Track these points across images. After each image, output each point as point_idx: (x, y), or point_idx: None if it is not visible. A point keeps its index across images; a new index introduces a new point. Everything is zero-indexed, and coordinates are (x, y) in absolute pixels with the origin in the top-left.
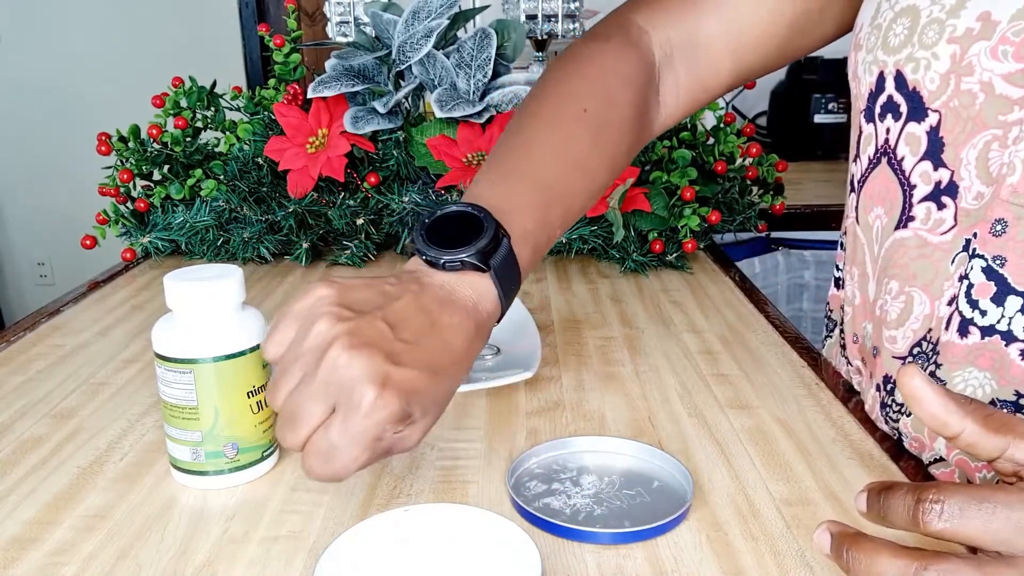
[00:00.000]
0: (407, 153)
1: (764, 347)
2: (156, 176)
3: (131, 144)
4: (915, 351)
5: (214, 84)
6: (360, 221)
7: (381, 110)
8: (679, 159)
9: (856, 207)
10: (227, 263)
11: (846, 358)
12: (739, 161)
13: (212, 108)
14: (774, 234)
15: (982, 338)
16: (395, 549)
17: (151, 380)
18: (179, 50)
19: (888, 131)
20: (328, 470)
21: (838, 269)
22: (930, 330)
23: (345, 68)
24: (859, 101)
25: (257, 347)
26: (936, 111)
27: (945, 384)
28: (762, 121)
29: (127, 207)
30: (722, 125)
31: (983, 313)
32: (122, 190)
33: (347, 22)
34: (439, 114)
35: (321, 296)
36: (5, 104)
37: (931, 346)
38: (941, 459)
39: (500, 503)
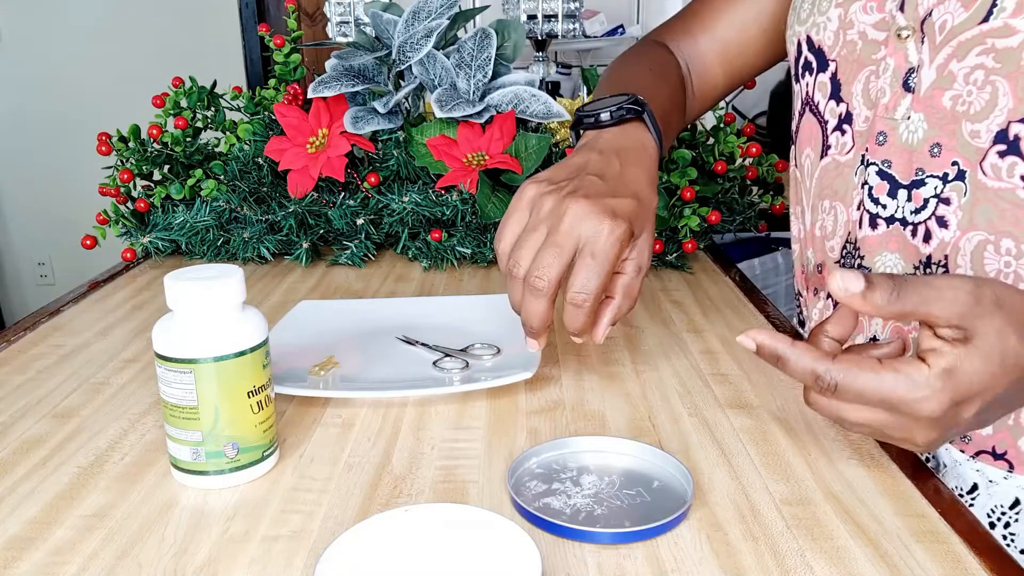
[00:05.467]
0: (407, 153)
1: None
2: (156, 176)
3: (131, 144)
4: (844, 252)
5: (214, 84)
6: (360, 221)
7: (381, 110)
8: (679, 159)
9: (794, 155)
10: (227, 263)
11: (796, 295)
12: (739, 161)
13: (212, 108)
14: (774, 234)
15: (887, 227)
16: (395, 549)
17: (151, 380)
18: (179, 50)
19: (808, 84)
20: (591, 286)
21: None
22: (850, 232)
23: (345, 68)
24: (792, 69)
25: (257, 347)
26: (833, 60)
27: (869, 270)
28: (762, 121)
29: (127, 207)
30: (722, 125)
31: (884, 207)
32: (122, 190)
33: (347, 22)
34: (439, 114)
35: (533, 189)
36: (5, 104)
37: (852, 245)
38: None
39: (500, 503)
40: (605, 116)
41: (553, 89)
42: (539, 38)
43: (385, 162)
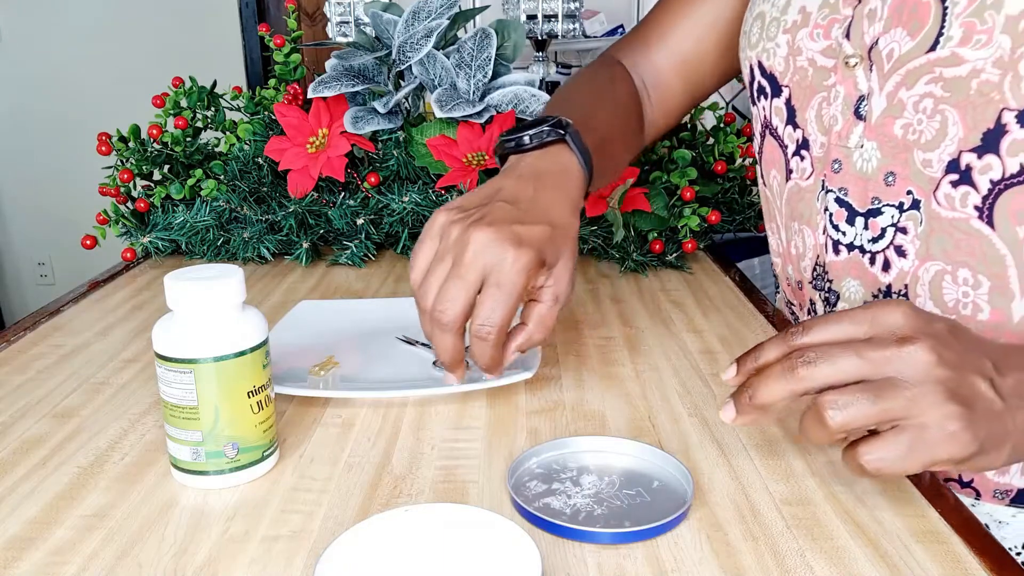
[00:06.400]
0: (407, 153)
1: None
2: (156, 176)
3: (131, 144)
4: (815, 274)
5: (214, 84)
6: (360, 221)
7: (381, 110)
8: (679, 159)
9: (761, 174)
10: (227, 263)
11: (788, 304)
12: (739, 161)
13: (212, 108)
14: None
15: (848, 253)
16: (395, 549)
17: (151, 380)
18: (179, 50)
19: (764, 108)
20: (495, 318)
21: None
22: (818, 256)
23: (345, 68)
24: (748, 91)
25: (257, 347)
26: (786, 86)
27: (839, 296)
28: None
29: (127, 207)
30: (722, 125)
31: (844, 233)
32: (122, 190)
33: (347, 22)
34: (439, 114)
35: (443, 217)
36: (5, 104)
37: (822, 268)
38: None
39: (500, 503)
40: (526, 140)
41: (553, 89)
42: (539, 38)
43: (385, 162)
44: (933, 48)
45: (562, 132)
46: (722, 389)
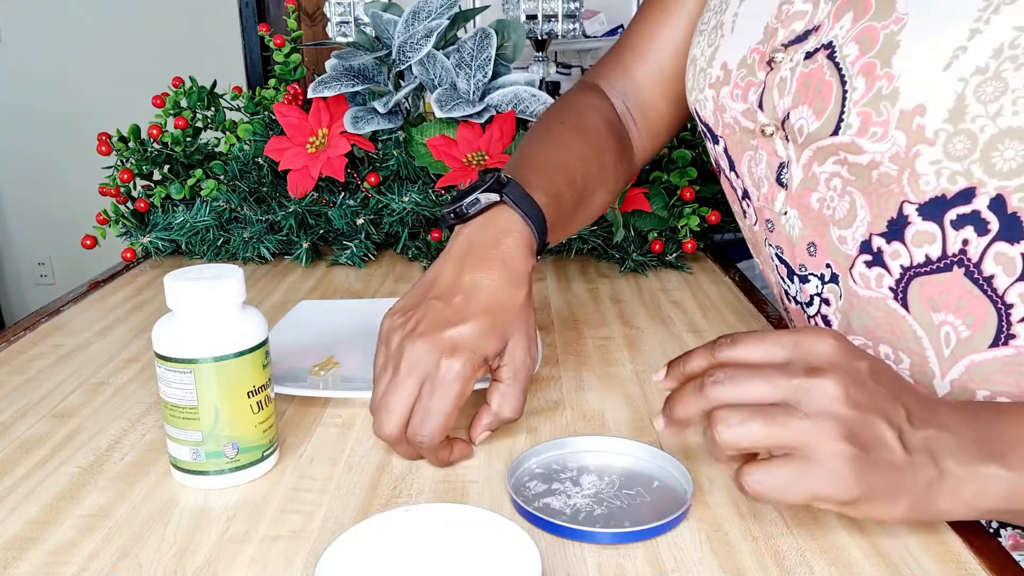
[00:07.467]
0: (407, 153)
1: None
2: (156, 176)
3: (131, 144)
4: (782, 306)
5: (214, 84)
6: (360, 221)
7: (381, 110)
8: (679, 159)
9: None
10: (227, 263)
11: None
12: None
13: (212, 108)
14: None
15: (796, 305)
16: (395, 549)
17: (151, 380)
18: (179, 50)
19: (712, 150)
20: (427, 429)
21: None
22: (780, 295)
23: (345, 68)
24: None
25: (257, 347)
26: (721, 137)
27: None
28: None
29: (127, 207)
30: None
31: (790, 285)
32: (122, 190)
33: (347, 22)
34: (439, 114)
35: (387, 323)
36: (5, 103)
37: (784, 306)
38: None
39: (500, 503)
40: (463, 210)
41: (553, 89)
42: (539, 38)
43: (385, 162)
44: (836, 132)
45: (496, 196)
46: None
